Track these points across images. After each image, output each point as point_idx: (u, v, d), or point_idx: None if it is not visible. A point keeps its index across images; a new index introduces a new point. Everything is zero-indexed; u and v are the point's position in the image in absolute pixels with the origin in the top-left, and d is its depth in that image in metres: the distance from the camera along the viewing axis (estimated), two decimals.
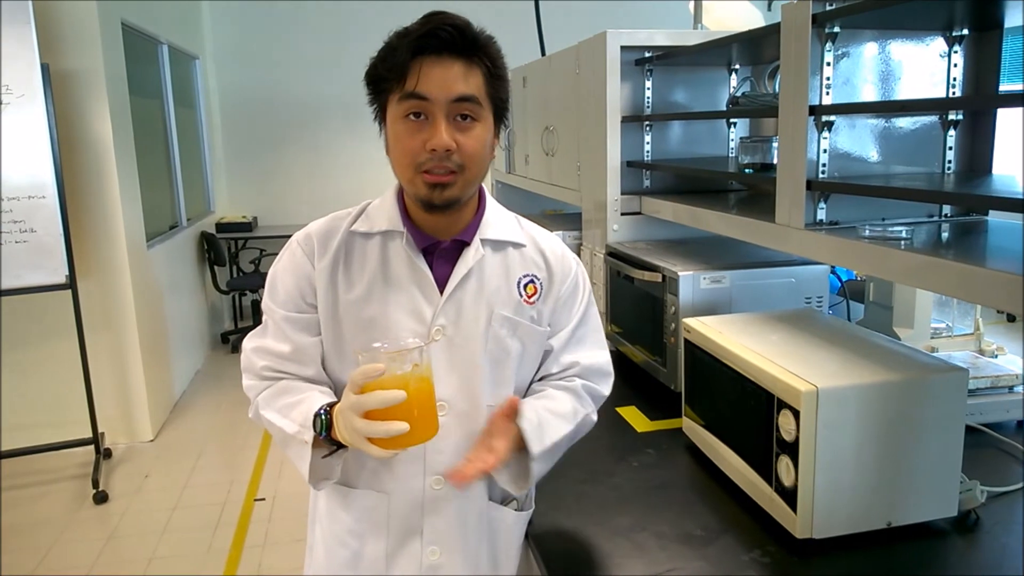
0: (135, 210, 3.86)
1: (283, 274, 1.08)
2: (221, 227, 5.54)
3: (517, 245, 1.11)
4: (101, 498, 3.24)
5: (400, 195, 1.08)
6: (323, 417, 0.97)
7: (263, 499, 3.26)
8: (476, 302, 1.06)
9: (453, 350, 1.05)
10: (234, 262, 5.71)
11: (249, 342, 1.12)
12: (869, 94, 1.31)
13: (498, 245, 1.09)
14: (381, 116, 1.02)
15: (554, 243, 1.15)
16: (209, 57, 5.70)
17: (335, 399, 1.01)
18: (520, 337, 1.09)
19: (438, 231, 1.06)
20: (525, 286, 1.10)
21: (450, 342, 1.05)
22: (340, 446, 0.98)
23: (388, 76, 0.96)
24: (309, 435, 0.98)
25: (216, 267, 5.39)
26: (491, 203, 1.11)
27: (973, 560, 1.07)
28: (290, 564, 2.78)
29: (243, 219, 5.60)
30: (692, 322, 1.41)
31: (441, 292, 1.05)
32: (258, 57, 5.75)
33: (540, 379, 1.16)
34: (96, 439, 3.46)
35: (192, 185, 5.24)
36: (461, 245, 1.07)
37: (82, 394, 3.40)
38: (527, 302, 1.09)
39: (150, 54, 4.53)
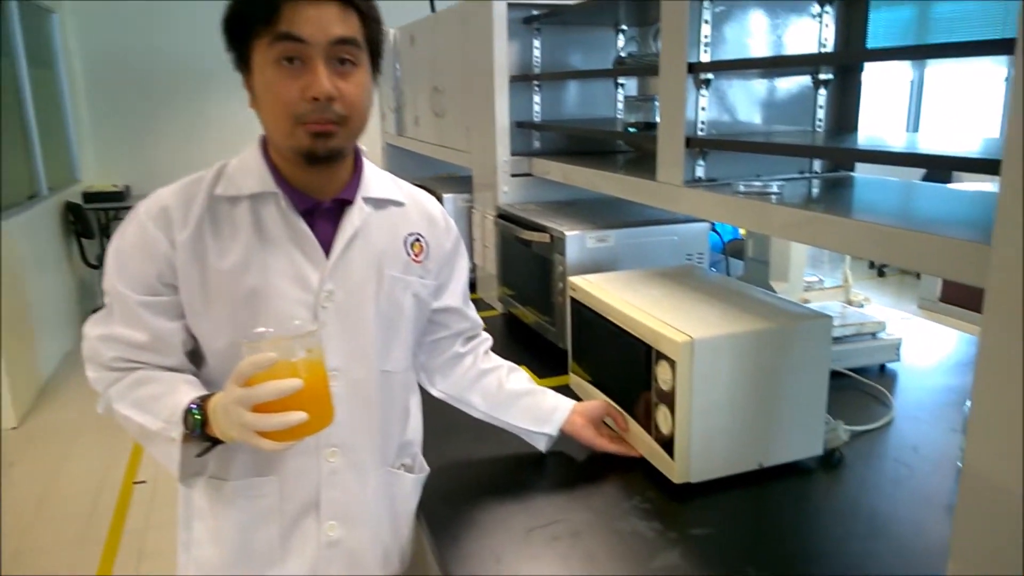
0: None
1: (133, 253, 0.95)
2: (89, 197, 5.11)
3: (398, 204, 1.08)
4: None
5: (266, 152, 0.99)
6: (196, 414, 0.88)
7: (144, 481, 3.08)
8: (365, 264, 1.02)
9: (343, 316, 1.00)
10: (104, 234, 5.28)
11: (93, 328, 0.98)
12: (746, 54, 1.33)
13: (380, 204, 1.05)
14: (244, 64, 0.92)
15: (431, 201, 1.15)
16: (68, 12, 5.18)
17: (204, 391, 0.93)
18: (412, 296, 1.07)
19: (316, 190, 0.98)
20: (411, 244, 1.08)
21: (340, 307, 0.99)
22: (215, 442, 0.90)
23: (253, 16, 0.87)
24: (177, 432, 0.89)
25: (84, 240, 4.99)
26: (367, 162, 1.06)
27: (836, 494, 1.13)
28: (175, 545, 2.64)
29: (114, 188, 5.18)
30: (577, 280, 1.41)
31: (327, 255, 0.99)
32: (125, 14, 5.27)
33: (445, 337, 1.20)
34: None
35: (53, 152, 4.79)
36: (341, 205, 1.01)
37: None
38: (415, 261, 1.08)
39: None
